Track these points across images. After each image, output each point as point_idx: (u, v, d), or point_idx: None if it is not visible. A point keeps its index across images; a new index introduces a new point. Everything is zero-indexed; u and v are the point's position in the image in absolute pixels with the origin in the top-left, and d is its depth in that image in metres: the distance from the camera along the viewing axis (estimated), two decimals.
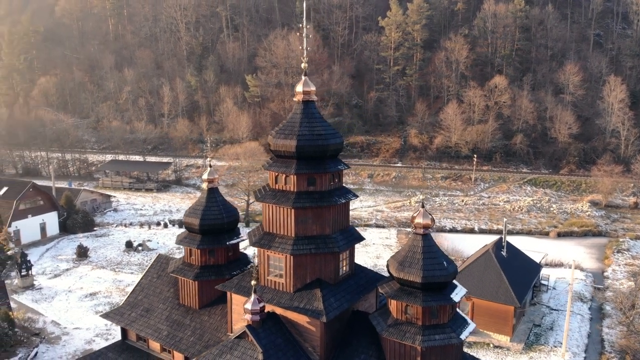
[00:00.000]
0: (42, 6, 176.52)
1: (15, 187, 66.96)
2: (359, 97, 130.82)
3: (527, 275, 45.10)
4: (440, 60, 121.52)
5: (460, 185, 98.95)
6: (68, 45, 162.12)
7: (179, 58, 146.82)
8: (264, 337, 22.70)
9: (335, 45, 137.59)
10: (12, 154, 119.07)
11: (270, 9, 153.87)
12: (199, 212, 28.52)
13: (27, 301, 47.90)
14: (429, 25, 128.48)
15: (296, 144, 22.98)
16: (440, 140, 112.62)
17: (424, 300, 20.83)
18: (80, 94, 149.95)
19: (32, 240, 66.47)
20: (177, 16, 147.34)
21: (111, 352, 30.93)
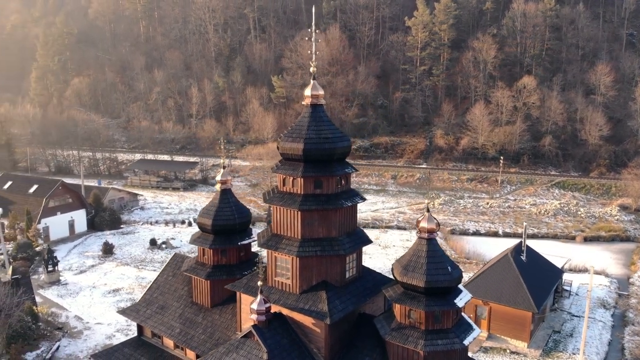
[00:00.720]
0: (75, 8, 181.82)
1: (45, 185, 69.24)
2: (385, 97, 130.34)
3: (547, 281, 44.23)
4: (467, 60, 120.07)
5: (486, 187, 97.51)
6: (101, 46, 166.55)
7: (208, 59, 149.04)
8: (270, 338, 23.03)
9: (361, 46, 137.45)
10: (45, 152, 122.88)
11: (297, 10, 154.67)
12: (211, 212, 29.08)
13: (53, 296, 49.52)
14: (456, 25, 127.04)
15: (303, 147, 23.23)
16: (466, 142, 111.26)
17: (427, 305, 20.79)
18: (111, 94, 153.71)
19: (61, 237, 68.48)
20: (206, 18, 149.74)
21: (127, 348, 31.78)
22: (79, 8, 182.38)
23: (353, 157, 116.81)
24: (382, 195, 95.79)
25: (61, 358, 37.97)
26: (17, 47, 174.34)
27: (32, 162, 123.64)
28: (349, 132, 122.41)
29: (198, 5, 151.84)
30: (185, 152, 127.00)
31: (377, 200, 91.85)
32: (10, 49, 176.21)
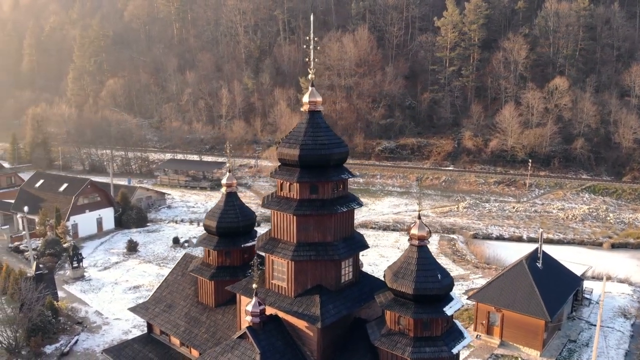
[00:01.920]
0: (111, 11, 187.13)
1: (75, 184, 71.77)
2: (413, 98, 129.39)
3: (564, 289, 43.22)
4: (498, 60, 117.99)
5: (513, 191, 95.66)
6: (135, 48, 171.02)
7: (238, 61, 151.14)
8: (264, 339, 23.46)
9: (389, 46, 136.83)
10: (79, 151, 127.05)
11: (326, 11, 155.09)
12: (216, 215, 29.76)
13: (76, 291, 51.41)
14: (487, 24, 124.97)
15: (299, 153, 23.58)
16: (495, 144, 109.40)
17: (415, 312, 20.84)
18: (145, 95, 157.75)
19: (89, 234, 70.89)
20: (236, 20, 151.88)
21: (137, 344, 32.85)
22: (114, 11, 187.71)
23: (378, 159, 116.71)
24: (405, 197, 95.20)
25: (79, 352, 39.44)
26: (56, 49, 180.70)
27: (67, 161, 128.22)
28: (376, 132, 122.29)
29: (229, 7, 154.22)
30: (214, 153, 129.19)
31: (401, 202, 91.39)
32: (49, 50, 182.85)
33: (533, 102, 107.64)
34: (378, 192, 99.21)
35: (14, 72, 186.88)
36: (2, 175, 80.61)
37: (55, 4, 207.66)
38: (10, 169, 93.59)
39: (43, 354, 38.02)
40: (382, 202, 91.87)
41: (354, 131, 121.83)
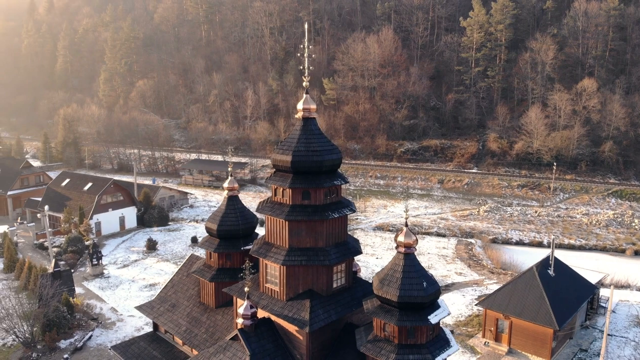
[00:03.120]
0: (142, 14, 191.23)
1: (99, 183, 73.92)
2: (437, 98, 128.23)
3: (576, 297, 42.30)
4: (525, 61, 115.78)
5: (537, 194, 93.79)
6: (165, 50, 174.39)
7: (264, 62, 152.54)
8: (255, 341, 23.96)
9: (414, 47, 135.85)
10: (108, 151, 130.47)
11: (352, 11, 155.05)
12: (217, 218, 30.42)
13: (95, 288, 53.05)
14: (514, 24, 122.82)
15: (291, 159, 23.97)
16: (520, 146, 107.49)
17: (399, 320, 20.94)
18: (173, 96, 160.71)
19: (112, 232, 72.94)
20: (263, 22, 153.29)
21: (143, 341, 33.83)
22: (145, 13, 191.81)
23: (400, 160, 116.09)
24: (426, 200, 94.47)
25: (92, 347, 40.75)
26: (88, 50, 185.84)
27: (96, 160, 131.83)
28: (399, 134, 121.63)
29: (255, 9, 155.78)
30: (238, 153, 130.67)
31: (420, 205, 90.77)
32: (82, 52, 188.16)
33: (560, 104, 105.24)
34: (398, 195, 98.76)
35: (48, 73, 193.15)
36: (31, 174, 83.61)
37: (88, 6, 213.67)
38: (40, 168, 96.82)
39: (57, 349, 39.45)
40: (402, 204, 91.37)
41: (376, 132, 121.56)
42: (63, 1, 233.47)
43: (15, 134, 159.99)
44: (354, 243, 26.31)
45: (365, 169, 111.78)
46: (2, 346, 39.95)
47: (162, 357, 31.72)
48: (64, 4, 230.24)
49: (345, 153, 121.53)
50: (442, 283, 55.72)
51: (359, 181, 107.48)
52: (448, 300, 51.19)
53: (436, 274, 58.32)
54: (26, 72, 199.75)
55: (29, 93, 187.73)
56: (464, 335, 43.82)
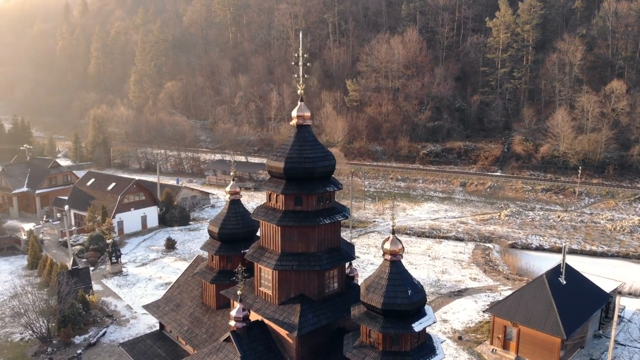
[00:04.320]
0: (171, 16, 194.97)
1: (122, 183, 75.96)
2: (463, 100, 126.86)
3: (588, 306, 41.44)
4: (552, 62, 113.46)
5: (561, 199, 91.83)
6: (193, 52, 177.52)
7: (289, 64, 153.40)
8: (246, 344, 24.49)
9: (440, 48, 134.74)
10: (136, 151, 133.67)
11: (378, 12, 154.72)
12: (219, 221, 31.12)
13: (112, 285, 54.69)
14: (542, 24, 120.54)
15: (284, 166, 24.41)
16: (546, 149, 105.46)
17: (383, 327, 21.13)
18: (200, 97, 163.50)
19: (134, 231, 74.85)
20: (288, 24, 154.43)
21: (149, 340, 34.84)
22: (174, 16, 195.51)
23: (423, 162, 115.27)
24: (446, 203, 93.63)
25: (105, 343, 42.11)
26: (120, 52, 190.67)
27: (125, 160, 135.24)
28: (422, 135, 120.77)
29: (281, 11, 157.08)
30: (261, 154, 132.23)
31: (440, 208, 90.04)
32: (114, 54, 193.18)
33: (588, 106, 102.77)
34: (418, 197, 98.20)
35: (81, 75, 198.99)
36: (59, 173, 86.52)
37: (120, 9, 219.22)
38: (67, 168, 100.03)
39: (72, 344, 40.94)
40: (422, 207, 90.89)
41: (399, 134, 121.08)
42: (97, 4, 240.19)
43: (48, 133, 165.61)
44: (348, 249, 26.55)
45: (386, 171, 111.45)
46: (20, 340, 41.72)
47: (166, 356, 32.62)
48: (97, 7, 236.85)
49: (366, 155, 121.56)
50: (455, 288, 55.40)
51: (379, 183, 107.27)
52: (459, 305, 50.87)
53: (450, 279, 58.02)
54: (60, 73, 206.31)
55: (62, 94, 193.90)
56: (472, 342, 43.50)
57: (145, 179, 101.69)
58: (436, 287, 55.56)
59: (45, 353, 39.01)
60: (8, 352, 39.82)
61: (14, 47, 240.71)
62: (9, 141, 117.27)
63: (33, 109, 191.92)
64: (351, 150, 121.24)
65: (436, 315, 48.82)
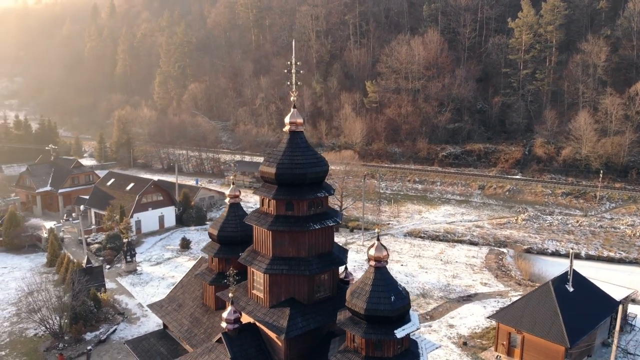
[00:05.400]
0: (196, 18, 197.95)
1: (140, 184, 77.67)
2: (484, 101, 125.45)
3: (595, 314, 40.74)
4: (575, 63, 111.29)
5: (581, 203, 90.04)
6: (216, 54, 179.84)
7: (310, 66, 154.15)
8: (237, 345, 25.07)
9: (461, 49, 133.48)
10: (159, 151, 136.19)
11: (399, 13, 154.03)
12: (219, 224, 31.79)
13: (126, 284, 56.11)
14: (566, 25, 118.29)
15: (275, 172, 24.90)
16: (568, 152, 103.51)
17: (365, 332, 21.40)
18: (223, 99, 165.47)
19: (151, 230, 76.43)
20: (309, 25, 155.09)
21: (153, 338, 35.77)
22: (199, 18, 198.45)
23: (442, 165, 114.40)
24: (463, 206, 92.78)
25: (114, 340, 43.33)
26: (146, 54, 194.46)
27: (148, 160, 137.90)
28: (442, 137, 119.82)
29: (303, 13, 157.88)
30: None
31: (457, 211, 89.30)
32: (140, 55, 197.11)
33: (612, 109, 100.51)
34: (435, 200, 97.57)
35: (108, 76, 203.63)
36: (81, 173, 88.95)
37: (147, 12, 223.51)
38: (90, 168, 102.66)
39: (83, 340, 42.25)
40: (438, 210, 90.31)
41: (418, 135, 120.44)
42: (124, 6, 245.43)
43: (75, 133, 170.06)
44: (340, 254, 26.85)
45: (403, 173, 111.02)
46: (33, 336, 43.29)
47: (167, 354, 33.45)
48: (124, 10, 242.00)
49: (385, 156, 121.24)
50: (465, 293, 55.04)
51: (396, 185, 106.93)
52: (467, 310, 50.58)
53: (460, 283, 57.65)
54: (89, 74, 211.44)
55: (90, 95, 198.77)
56: (477, 348, 43.26)
57: (166, 179, 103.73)
58: (445, 291, 55.30)
59: (56, 348, 40.39)
60: (22, 347, 41.38)
61: (44, 48, 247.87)
62: (35, 141, 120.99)
63: (62, 109, 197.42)
64: (369, 152, 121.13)
65: (443, 320, 48.72)
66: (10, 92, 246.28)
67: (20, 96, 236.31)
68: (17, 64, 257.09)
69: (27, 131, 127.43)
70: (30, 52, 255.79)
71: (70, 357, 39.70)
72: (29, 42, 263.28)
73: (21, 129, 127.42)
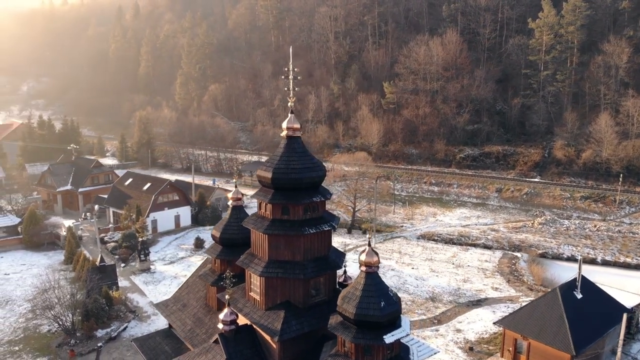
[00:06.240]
0: (217, 20, 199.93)
1: (156, 184, 79.07)
2: (504, 102, 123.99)
3: (604, 321, 40.11)
4: (597, 65, 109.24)
5: (600, 207, 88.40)
6: (237, 55, 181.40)
7: (328, 67, 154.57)
8: (233, 347, 25.52)
9: (481, 49, 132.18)
10: (179, 151, 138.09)
11: (419, 14, 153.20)
12: (221, 226, 32.37)
13: (139, 282, 57.28)
14: (588, 26, 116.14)
15: (271, 176, 25.30)
16: (588, 155, 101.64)
17: (355, 337, 21.63)
18: (243, 100, 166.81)
19: (167, 230, 77.74)
20: (328, 27, 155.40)
21: (158, 337, 36.54)
22: (220, 19, 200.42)
23: (459, 167, 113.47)
24: (479, 209, 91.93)
25: (124, 338, 44.35)
26: (168, 55, 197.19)
27: (168, 159, 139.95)
28: (460, 139, 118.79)
29: (321, 14, 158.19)
30: None
31: (473, 214, 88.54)
32: (163, 57, 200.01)
33: (633, 111, 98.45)
34: (451, 202, 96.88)
35: (132, 77, 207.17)
36: (101, 172, 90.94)
37: (170, 13, 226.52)
38: (110, 167, 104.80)
39: (94, 337, 43.39)
40: (453, 213, 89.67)
41: (435, 137, 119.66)
42: (148, 8, 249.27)
43: (99, 133, 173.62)
44: (336, 258, 27.09)
45: (420, 175, 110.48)
46: (47, 332, 44.59)
47: (171, 353, 34.12)
48: (148, 11, 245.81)
49: (401, 157, 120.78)
50: (475, 298, 54.71)
51: (412, 187, 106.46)
52: (476, 315, 50.28)
53: (471, 287, 57.30)
54: (113, 75, 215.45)
55: (114, 95, 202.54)
56: (483, 354, 43.02)
57: (184, 179, 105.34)
58: (455, 295, 55.04)
59: (68, 345, 41.54)
60: (35, 343, 42.70)
61: (70, 49, 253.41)
62: (59, 141, 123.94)
63: (86, 109, 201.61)
64: (386, 153, 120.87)
65: (450, 324, 48.55)
66: (37, 91, 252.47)
67: (47, 96, 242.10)
68: (44, 64, 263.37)
69: (50, 131, 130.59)
70: (56, 52, 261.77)
71: (81, 353, 40.83)
72: (56, 42, 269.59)
73: (44, 128, 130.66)
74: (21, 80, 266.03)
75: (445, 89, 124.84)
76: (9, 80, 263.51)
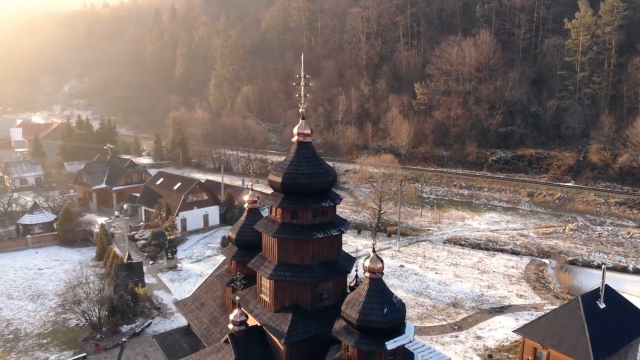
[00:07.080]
0: (251, 22, 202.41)
1: (186, 183, 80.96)
2: (539, 104, 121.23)
3: (627, 332, 38.96)
4: (635, 66, 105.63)
5: (635, 214, 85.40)
6: (269, 57, 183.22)
7: (359, 68, 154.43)
8: (242, 347, 26.19)
9: (515, 50, 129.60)
10: (211, 152, 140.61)
11: (452, 13, 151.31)
12: (237, 228, 33.13)
13: (166, 280, 58.86)
14: (626, 26, 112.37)
15: (281, 181, 25.85)
16: (625, 159, 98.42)
17: (357, 342, 21.92)
18: (274, 101, 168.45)
19: (196, 228, 79.44)
20: (360, 27, 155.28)
21: (178, 334, 37.65)
22: (254, 21, 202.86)
23: (491, 170, 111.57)
24: (510, 214, 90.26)
25: (148, 334, 45.70)
26: (202, 57, 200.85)
27: (201, 159, 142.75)
28: (492, 141, 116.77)
29: (354, 15, 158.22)
30: (325, 157, 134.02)
31: (502, 219, 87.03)
32: (197, 58, 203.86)
33: None
34: (481, 206, 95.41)
35: (168, 78, 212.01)
36: (134, 172, 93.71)
37: (205, 15, 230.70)
38: (143, 167, 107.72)
39: (119, 332, 44.92)
40: (482, 217, 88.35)
41: (467, 139, 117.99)
42: (184, 10, 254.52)
43: (135, 132, 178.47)
44: (345, 262, 27.41)
45: (450, 178, 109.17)
46: (75, 326, 46.42)
47: (188, 350, 35.09)
48: (184, 13, 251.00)
49: (431, 160, 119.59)
50: (498, 304, 53.95)
51: (441, 190, 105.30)
52: (498, 322, 49.62)
53: (495, 294, 56.51)
54: (150, 75, 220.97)
55: (150, 95, 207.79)
56: None
57: (215, 178, 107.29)
58: (478, 302, 54.39)
59: (93, 339, 43.19)
60: (62, 336, 44.53)
61: (109, 50, 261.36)
62: (96, 140, 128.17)
63: (124, 109, 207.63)
64: (415, 155, 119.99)
65: (470, 330, 48.07)
66: (79, 92, 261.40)
67: (87, 96, 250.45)
68: (85, 65, 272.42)
69: (88, 130, 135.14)
70: (96, 53, 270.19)
71: (106, 348, 42.36)
72: (96, 44, 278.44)
73: (83, 128, 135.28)
74: (63, 80, 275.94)
75: (477, 90, 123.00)
76: (52, 80, 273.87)
